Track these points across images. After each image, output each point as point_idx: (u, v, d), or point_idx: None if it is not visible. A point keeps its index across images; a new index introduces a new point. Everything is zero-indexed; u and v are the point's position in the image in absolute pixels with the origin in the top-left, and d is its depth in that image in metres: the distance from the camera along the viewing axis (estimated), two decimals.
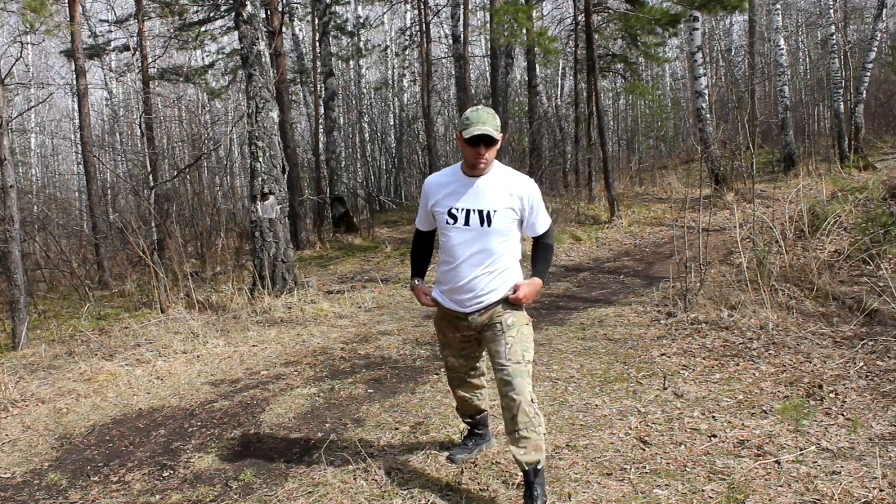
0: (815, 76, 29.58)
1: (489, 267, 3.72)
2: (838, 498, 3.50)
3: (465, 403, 4.26)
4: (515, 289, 3.75)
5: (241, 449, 5.00)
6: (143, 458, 5.05)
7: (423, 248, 4.17)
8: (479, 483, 3.98)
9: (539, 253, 3.91)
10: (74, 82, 17.67)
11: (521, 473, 3.78)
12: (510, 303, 3.77)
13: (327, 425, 5.31)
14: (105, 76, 25.16)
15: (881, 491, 3.53)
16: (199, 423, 5.64)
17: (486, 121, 3.55)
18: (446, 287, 3.83)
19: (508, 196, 3.69)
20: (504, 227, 3.70)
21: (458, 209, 3.70)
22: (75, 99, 20.56)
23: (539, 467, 3.63)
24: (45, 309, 12.09)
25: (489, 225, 3.67)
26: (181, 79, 20.88)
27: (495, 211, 3.67)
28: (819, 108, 28.72)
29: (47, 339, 8.97)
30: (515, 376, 3.62)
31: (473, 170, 3.68)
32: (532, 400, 3.63)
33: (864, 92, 19.85)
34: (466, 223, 3.68)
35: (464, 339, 3.95)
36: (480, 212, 3.67)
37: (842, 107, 20.07)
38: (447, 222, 3.72)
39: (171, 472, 4.74)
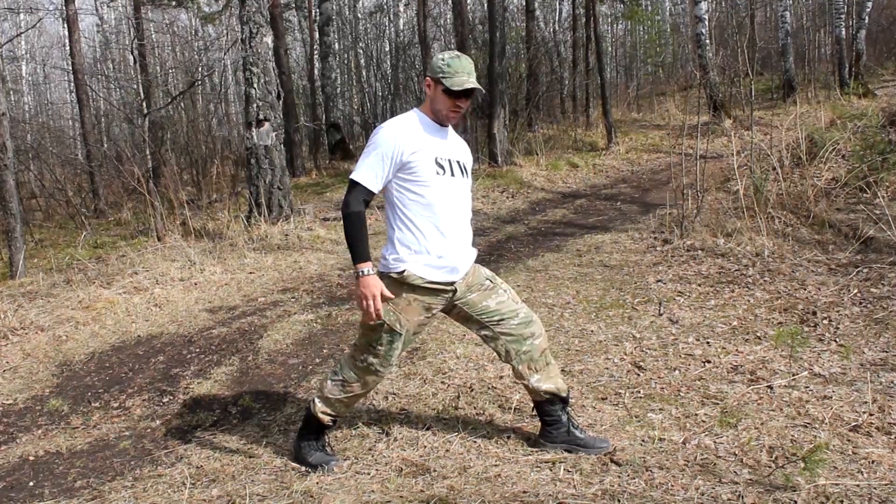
0: (816, 1, 29.03)
1: (468, 221, 3.45)
2: (829, 422, 3.55)
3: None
4: None
5: (240, 375, 5.06)
6: (142, 384, 5.10)
7: (365, 222, 3.29)
8: (475, 408, 4.03)
9: None
10: (64, 8, 17.31)
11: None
12: None
13: (325, 351, 5.36)
14: (96, 1, 24.61)
15: (871, 415, 3.58)
16: (197, 350, 5.69)
17: (471, 71, 3.22)
18: (440, 256, 3.25)
19: (468, 148, 3.53)
20: None
21: (443, 159, 3.29)
22: (65, 25, 20.16)
23: None
24: (42, 238, 12.08)
25: (468, 177, 3.43)
26: (173, 3, 20.46)
27: (470, 162, 3.47)
28: (820, 34, 28.20)
29: (45, 268, 8.98)
30: (533, 313, 3.46)
31: (445, 121, 3.33)
32: None
33: (867, 17, 19.49)
34: (453, 174, 3.31)
35: (429, 320, 3.41)
36: (459, 163, 3.37)
37: (843, 32, 19.70)
38: (437, 173, 3.25)
39: (171, 397, 4.80)
